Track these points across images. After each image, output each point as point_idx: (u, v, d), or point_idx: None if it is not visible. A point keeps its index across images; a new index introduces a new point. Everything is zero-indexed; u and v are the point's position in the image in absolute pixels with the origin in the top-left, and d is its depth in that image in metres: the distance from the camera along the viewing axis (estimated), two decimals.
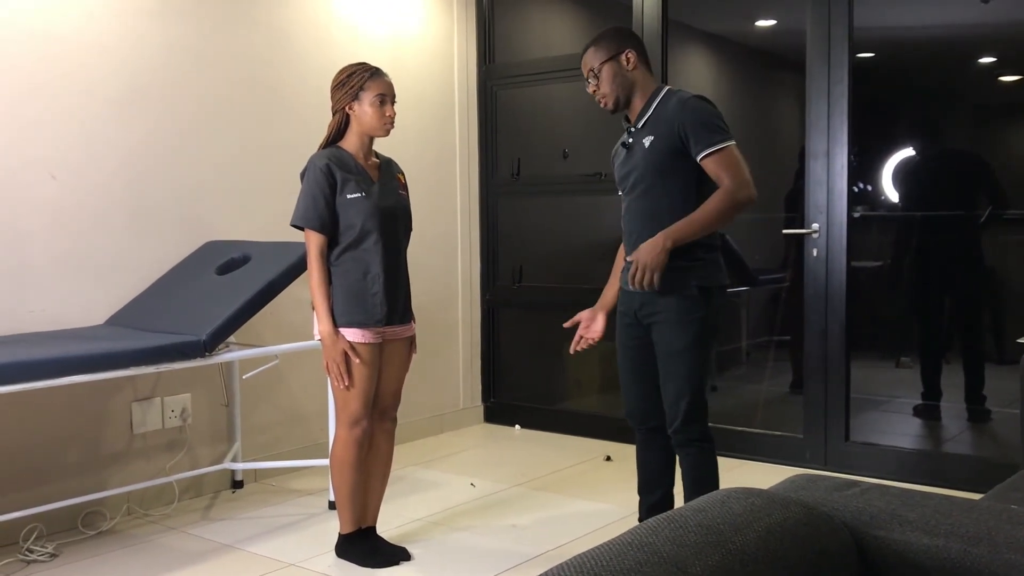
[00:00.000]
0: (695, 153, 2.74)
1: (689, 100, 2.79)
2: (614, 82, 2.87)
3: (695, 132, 2.73)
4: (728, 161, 2.72)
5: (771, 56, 4.84)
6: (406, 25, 4.84)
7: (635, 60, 2.87)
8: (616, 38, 2.90)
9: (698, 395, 2.81)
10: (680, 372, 2.81)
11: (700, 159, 2.74)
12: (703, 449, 2.85)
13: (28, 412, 3.41)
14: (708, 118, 2.75)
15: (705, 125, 2.74)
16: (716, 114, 2.78)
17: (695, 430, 2.83)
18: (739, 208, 2.73)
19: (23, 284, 3.43)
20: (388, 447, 3.23)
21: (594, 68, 2.90)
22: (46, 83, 3.47)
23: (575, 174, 4.97)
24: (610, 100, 2.90)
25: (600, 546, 1.15)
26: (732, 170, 2.71)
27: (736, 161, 2.73)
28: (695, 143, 2.73)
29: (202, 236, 3.93)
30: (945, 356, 4.32)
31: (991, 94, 4.05)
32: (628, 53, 2.87)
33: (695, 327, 2.79)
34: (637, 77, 2.88)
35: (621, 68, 2.87)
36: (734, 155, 2.73)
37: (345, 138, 3.07)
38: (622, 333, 2.97)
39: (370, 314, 3.02)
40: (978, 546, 1.33)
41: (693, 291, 2.77)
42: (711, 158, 2.73)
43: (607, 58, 2.88)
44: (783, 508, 1.33)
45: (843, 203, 4.09)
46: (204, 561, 3.22)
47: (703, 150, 2.73)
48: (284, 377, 4.25)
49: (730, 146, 2.74)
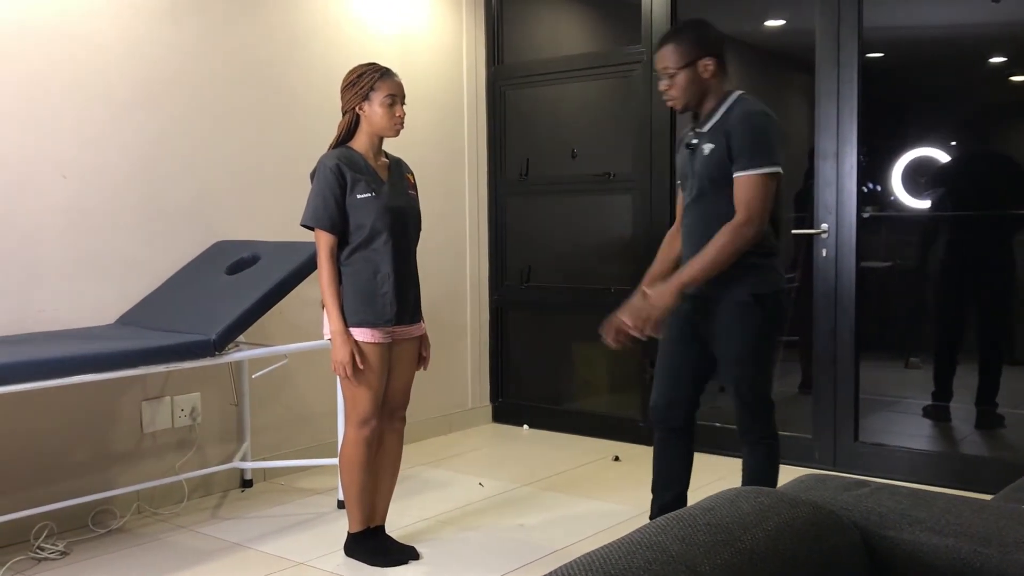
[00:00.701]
0: (732, 169, 2.70)
1: (750, 115, 2.72)
2: (688, 89, 2.80)
3: (738, 148, 2.69)
4: (750, 189, 2.67)
5: (780, 56, 4.83)
6: (415, 26, 4.84)
7: (714, 69, 2.79)
8: (698, 42, 2.79)
9: (761, 400, 2.84)
10: (742, 381, 2.82)
11: (735, 177, 2.70)
12: (770, 447, 2.88)
13: (39, 411, 3.43)
14: (757, 138, 2.68)
15: (751, 145, 2.68)
16: (769, 135, 2.70)
17: (760, 430, 2.86)
18: (741, 244, 2.69)
19: (34, 284, 3.44)
20: (397, 447, 3.24)
21: (670, 71, 2.80)
22: (57, 84, 3.49)
23: (584, 174, 4.97)
24: (679, 104, 2.83)
25: (609, 545, 1.15)
26: (749, 201, 2.67)
27: (759, 193, 2.67)
28: (735, 158, 2.69)
29: (212, 236, 3.95)
30: (957, 357, 4.30)
31: (1002, 94, 4.03)
32: (707, 62, 2.78)
33: (751, 334, 2.78)
34: (712, 85, 2.80)
35: (697, 75, 2.79)
36: (760, 185, 2.66)
37: (355, 138, 3.08)
38: (665, 329, 2.94)
39: (380, 314, 3.03)
40: (988, 546, 1.33)
41: (747, 298, 2.74)
42: (740, 179, 2.69)
43: (685, 64, 2.78)
44: (792, 508, 1.32)
45: (852, 203, 4.08)
46: (213, 560, 3.23)
47: (739, 169, 2.69)
48: (293, 377, 4.25)
49: (762, 174, 2.66)
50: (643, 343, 3.02)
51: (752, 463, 2.91)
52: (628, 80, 4.75)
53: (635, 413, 4.78)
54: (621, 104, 4.82)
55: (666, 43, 2.82)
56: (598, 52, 4.97)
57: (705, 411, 4.75)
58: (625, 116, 4.79)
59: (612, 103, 4.92)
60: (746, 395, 2.84)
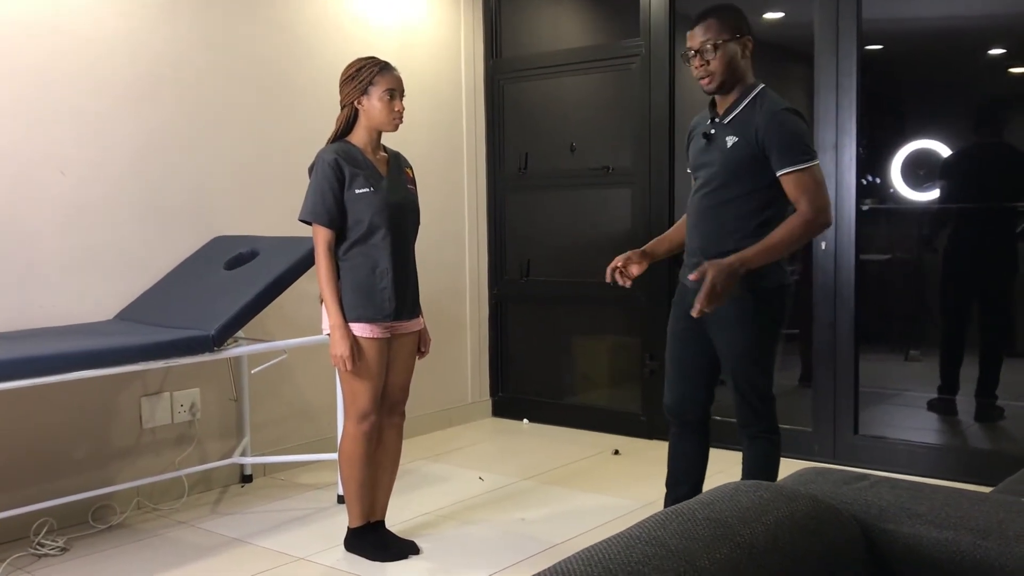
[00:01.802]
0: (776, 168, 2.68)
1: (779, 113, 2.71)
2: (729, 64, 2.74)
3: (779, 147, 2.67)
4: (808, 184, 2.66)
5: (779, 48, 4.82)
6: (413, 20, 4.83)
7: (752, 49, 2.78)
8: (741, 19, 2.77)
9: (760, 395, 2.84)
10: (743, 375, 2.83)
11: (780, 175, 2.68)
12: (771, 441, 2.89)
13: (38, 407, 3.43)
14: (794, 135, 2.69)
15: (791, 142, 2.67)
16: (803, 131, 2.72)
17: (760, 424, 2.87)
18: (814, 234, 2.72)
19: (32, 280, 3.44)
20: (397, 441, 3.24)
21: (713, 41, 2.72)
22: (55, 79, 3.48)
23: (583, 168, 4.96)
24: (716, 80, 2.76)
25: (608, 539, 1.15)
26: (811, 194, 2.66)
27: (817, 184, 2.67)
28: (777, 158, 2.67)
29: (210, 231, 3.94)
30: (962, 350, 4.30)
31: (1000, 86, 4.03)
32: (748, 40, 2.77)
33: (753, 330, 2.78)
34: (747, 68, 2.79)
35: (739, 54, 2.75)
36: (815, 177, 2.67)
37: (353, 132, 3.07)
38: (673, 324, 2.96)
39: (379, 309, 3.03)
40: (988, 539, 1.33)
41: (747, 294, 2.73)
42: (791, 177, 2.67)
43: (731, 37, 2.73)
44: (792, 501, 1.32)
45: (852, 196, 4.08)
46: (213, 555, 3.23)
47: (785, 167, 2.67)
48: (292, 372, 4.25)
49: (812, 167, 2.68)
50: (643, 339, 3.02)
51: (751, 457, 2.91)
52: (627, 73, 4.74)
53: (635, 407, 4.78)
54: (620, 98, 4.81)
55: (708, 16, 2.76)
56: (597, 45, 4.96)
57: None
58: (624, 110, 4.78)
59: (611, 97, 4.91)
60: (745, 389, 2.84)
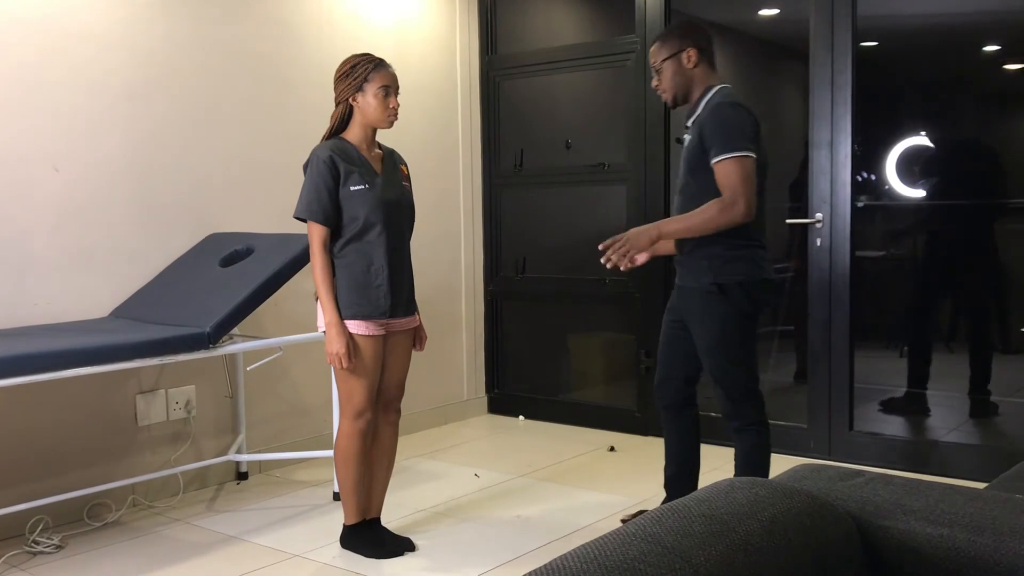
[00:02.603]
0: (709, 158, 2.81)
1: (718, 106, 2.85)
2: (673, 79, 2.98)
3: (711, 137, 2.81)
4: (731, 173, 2.76)
5: (774, 45, 4.83)
6: (408, 17, 4.83)
7: (695, 58, 2.95)
8: (680, 35, 2.98)
9: (738, 388, 2.93)
10: (715, 367, 2.95)
11: (712, 164, 2.81)
12: (758, 434, 2.97)
13: (33, 405, 3.42)
14: (728, 126, 2.79)
15: (722, 132, 2.79)
16: (740, 123, 2.80)
17: (744, 417, 2.96)
18: (730, 222, 2.78)
19: (27, 277, 3.43)
20: (392, 438, 3.24)
21: (658, 63, 3.00)
22: (49, 76, 3.47)
23: (578, 165, 4.96)
24: (669, 96, 3.01)
25: (604, 536, 1.15)
26: (729, 184, 2.76)
27: (738, 175, 2.76)
28: (710, 148, 2.81)
29: (206, 228, 3.93)
30: (950, 345, 4.31)
31: (996, 82, 4.03)
32: (689, 51, 2.95)
33: (718, 324, 2.89)
34: (696, 74, 2.96)
35: (681, 66, 2.96)
36: (739, 168, 2.75)
37: (348, 129, 3.07)
38: (665, 316, 3.19)
39: (374, 306, 3.02)
40: (982, 535, 1.33)
41: (711, 287, 2.86)
42: (719, 165, 2.79)
43: (668, 55, 2.97)
44: (787, 498, 1.33)
45: (847, 192, 4.08)
46: (209, 552, 3.23)
47: (714, 156, 2.79)
48: (288, 369, 4.25)
49: (737, 157, 2.76)
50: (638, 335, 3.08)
51: (739, 451, 3.00)
52: (622, 70, 4.74)
53: (631, 403, 4.79)
54: (615, 94, 4.81)
55: (655, 41, 3.05)
56: (592, 42, 4.96)
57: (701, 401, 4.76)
58: (619, 106, 4.78)
59: (606, 93, 4.91)
60: (722, 382, 2.93)
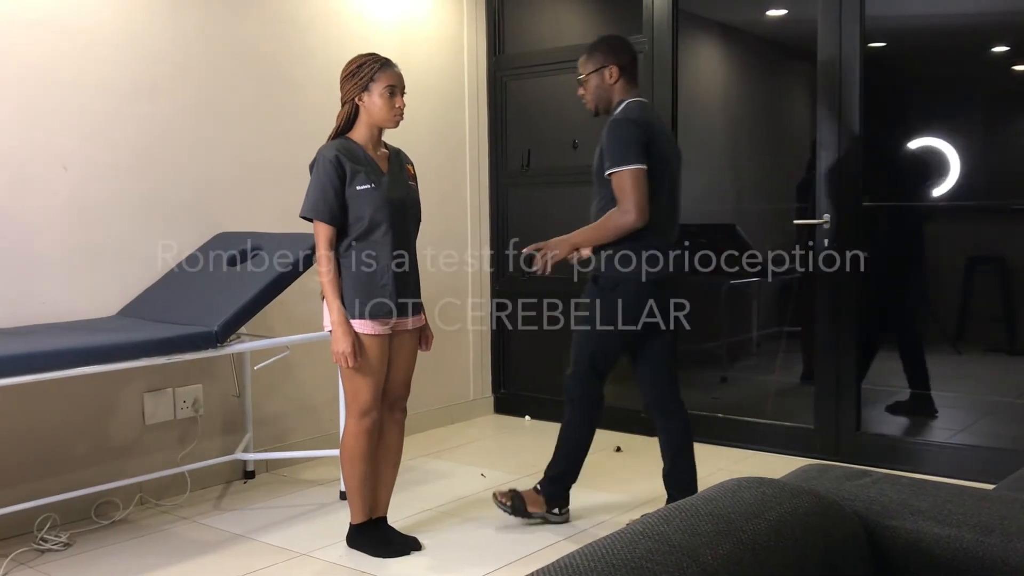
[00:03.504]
0: (605, 170, 3.13)
1: (613, 122, 3.15)
2: (595, 92, 3.28)
3: (607, 151, 3.12)
4: (623, 184, 3.09)
5: (782, 46, 4.82)
6: (415, 16, 4.83)
7: (616, 75, 3.24)
8: (606, 51, 3.26)
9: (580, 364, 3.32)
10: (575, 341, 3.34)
11: (606, 175, 3.12)
12: (575, 407, 3.37)
13: (41, 403, 3.43)
14: (616, 141, 3.10)
15: (613, 147, 3.10)
16: (627, 137, 3.09)
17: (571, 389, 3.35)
18: (626, 229, 3.11)
19: (35, 275, 3.44)
20: (398, 438, 3.24)
21: (583, 76, 3.30)
22: (58, 76, 3.48)
23: (585, 165, 4.90)
24: (590, 105, 3.32)
25: (611, 535, 1.15)
26: (623, 194, 3.09)
27: (628, 186, 3.07)
28: (605, 161, 3.12)
29: (213, 227, 3.94)
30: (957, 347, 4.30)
31: (1004, 84, 4.02)
32: (611, 68, 3.24)
33: (593, 306, 3.25)
34: (616, 89, 3.26)
35: (603, 80, 3.26)
36: (628, 180, 3.07)
37: (354, 129, 3.07)
38: None
39: (380, 305, 3.03)
40: (990, 535, 1.33)
41: (592, 283, 3.25)
42: (612, 177, 3.11)
43: (593, 69, 3.27)
44: (794, 498, 1.32)
45: (854, 193, 4.07)
46: (216, 551, 3.24)
47: (607, 169, 3.11)
48: (295, 368, 4.26)
49: (626, 171, 3.07)
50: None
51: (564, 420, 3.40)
52: None
53: (637, 404, 4.77)
54: None
55: (584, 53, 3.31)
56: None
57: (704, 402, 4.75)
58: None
59: None
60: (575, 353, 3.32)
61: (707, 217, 4.84)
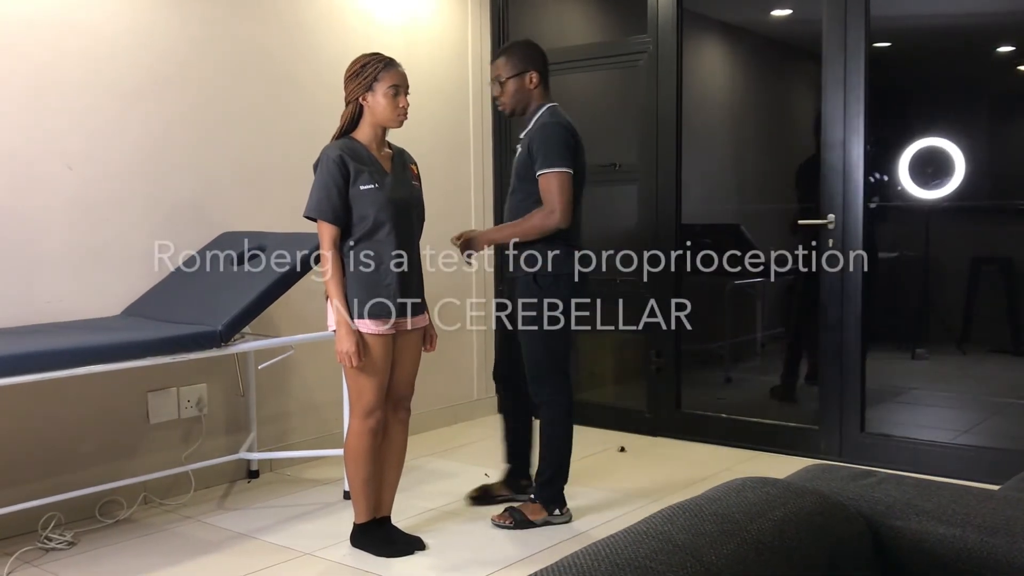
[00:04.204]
0: (535, 169, 3.24)
1: (544, 126, 3.27)
2: (515, 96, 3.37)
3: (538, 153, 3.24)
4: (550, 186, 3.22)
5: (787, 46, 4.82)
6: (420, 16, 4.83)
7: (537, 81, 3.36)
8: (525, 57, 3.36)
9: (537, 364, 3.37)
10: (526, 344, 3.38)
11: (536, 175, 3.24)
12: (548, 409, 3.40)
13: (45, 402, 3.44)
14: (551, 143, 3.22)
15: (545, 150, 3.22)
16: (561, 142, 3.22)
17: (537, 391, 3.39)
18: (543, 230, 3.24)
19: (40, 275, 3.45)
20: (402, 437, 3.24)
21: (501, 78, 3.37)
22: (63, 76, 3.48)
23: (589, 164, 4.92)
24: (507, 108, 3.42)
25: (615, 534, 1.15)
26: (548, 196, 3.22)
27: (555, 188, 3.20)
28: (536, 161, 3.24)
29: (217, 227, 3.94)
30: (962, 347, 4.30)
31: (1009, 83, 4.01)
32: (532, 74, 3.35)
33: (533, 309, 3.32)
34: (535, 94, 3.37)
35: (524, 85, 3.36)
36: (555, 182, 3.20)
37: (358, 129, 3.07)
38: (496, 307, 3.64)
39: (384, 305, 3.03)
40: (995, 536, 1.33)
41: (530, 278, 3.31)
42: (541, 178, 3.24)
43: (514, 73, 3.35)
44: (798, 498, 1.32)
45: (859, 194, 4.07)
46: (220, 550, 3.24)
47: (538, 168, 3.23)
48: (299, 367, 4.26)
49: (554, 173, 3.20)
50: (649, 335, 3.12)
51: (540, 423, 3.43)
52: (634, 70, 4.73)
53: (641, 404, 4.78)
54: (626, 94, 4.80)
55: (501, 55, 3.41)
56: (604, 42, 4.96)
57: (711, 402, 4.75)
58: (631, 106, 4.77)
59: (618, 93, 4.91)
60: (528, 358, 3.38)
61: (711, 217, 4.84)
